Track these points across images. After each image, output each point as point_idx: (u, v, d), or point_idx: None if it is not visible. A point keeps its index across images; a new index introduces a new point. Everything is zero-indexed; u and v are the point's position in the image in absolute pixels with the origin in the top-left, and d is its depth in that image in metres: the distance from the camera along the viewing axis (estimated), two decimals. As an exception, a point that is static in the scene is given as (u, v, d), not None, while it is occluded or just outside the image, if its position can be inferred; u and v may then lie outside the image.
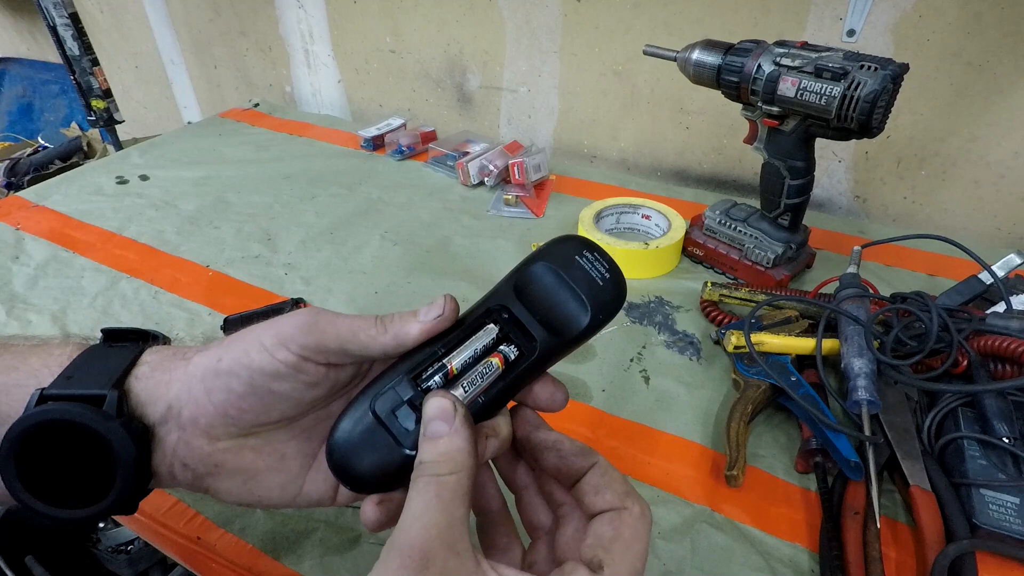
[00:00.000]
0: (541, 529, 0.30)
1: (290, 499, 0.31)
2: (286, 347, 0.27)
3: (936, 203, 0.82)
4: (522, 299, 0.29)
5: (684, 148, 0.95)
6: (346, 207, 0.84)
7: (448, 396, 0.26)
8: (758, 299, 0.60)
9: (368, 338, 0.28)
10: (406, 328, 0.28)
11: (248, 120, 1.13)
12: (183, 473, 0.29)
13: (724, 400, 0.54)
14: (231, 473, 0.29)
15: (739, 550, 0.42)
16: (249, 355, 0.28)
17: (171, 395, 0.28)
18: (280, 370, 0.27)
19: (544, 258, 0.29)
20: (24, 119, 1.81)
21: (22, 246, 0.75)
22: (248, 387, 0.28)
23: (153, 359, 0.30)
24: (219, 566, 0.42)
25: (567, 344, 0.29)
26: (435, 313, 0.28)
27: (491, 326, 0.29)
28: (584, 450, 0.28)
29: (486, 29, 1.00)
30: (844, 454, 0.44)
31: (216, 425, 0.28)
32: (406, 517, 0.23)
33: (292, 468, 0.31)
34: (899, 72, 0.52)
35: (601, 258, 0.29)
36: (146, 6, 1.36)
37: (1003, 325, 0.50)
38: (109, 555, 0.76)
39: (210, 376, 0.28)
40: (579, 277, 0.29)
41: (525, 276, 0.29)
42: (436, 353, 0.28)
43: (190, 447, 0.29)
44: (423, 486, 0.24)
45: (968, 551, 0.39)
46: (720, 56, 0.61)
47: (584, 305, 0.28)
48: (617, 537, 0.25)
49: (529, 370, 0.29)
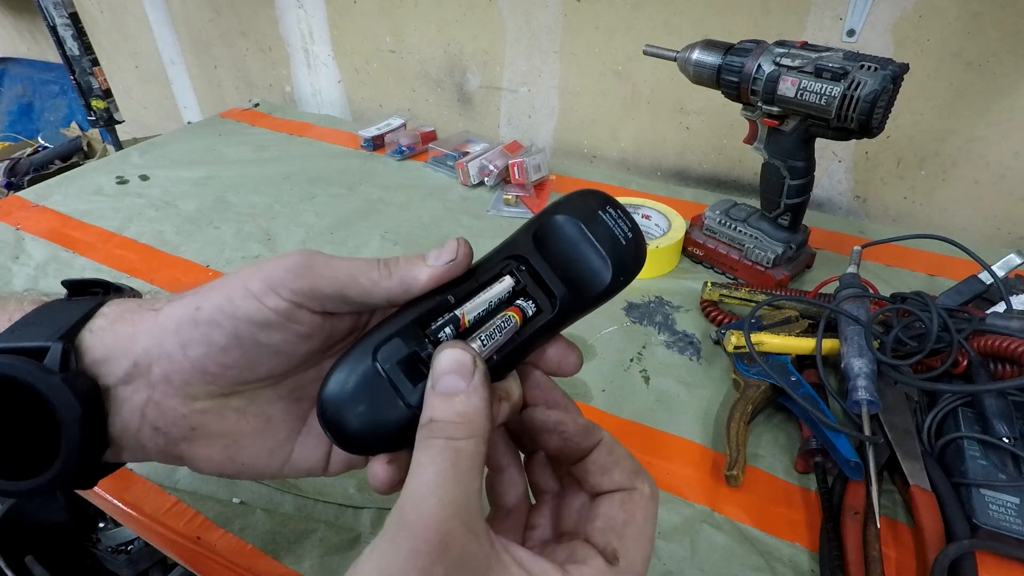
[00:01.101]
0: (547, 493, 0.28)
1: (277, 467, 0.28)
2: (276, 292, 0.24)
3: (936, 203, 0.82)
4: (542, 251, 0.26)
5: (684, 148, 0.95)
6: (346, 207, 0.84)
7: (467, 348, 0.23)
8: (758, 299, 0.60)
9: (370, 282, 0.25)
10: (414, 272, 0.25)
11: (248, 120, 1.13)
12: (153, 439, 0.26)
13: (724, 400, 0.54)
14: (210, 437, 0.26)
15: (739, 550, 0.42)
16: (233, 302, 0.24)
17: (137, 350, 0.25)
18: (269, 318, 0.24)
19: (566, 210, 0.27)
20: (24, 119, 1.81)
21: (22, 246, 0.75)
22: (232, 339, 0.24)
23: (112, 311, 0.26)
24: (219, 566, 0.42)
25: (587, 304, 0.27)
26: (447, 257, 0.25)
27: (507, 278, 0.26)
28: (588, 428, 0.26)
29: (486, 29, 1.00)
30: (844, 454, 0.44)
31: (193, 383, 0.25)
32: (418, 487, 0.20)
33: (280, 432, 0.28)
34: (899, 72, 0.52)
35: (624, 216, 0.27)
36: (146, 6, 1.36)
37: (1003, 325, 0.50)
38: (109, 555, 0.76)
39: (186, 327, 0.25)
40: (602, 233, 0.26)
41: (546, 227, 0.27)
42: (447, 302, 0.25)
43: (162, 408, 0.25)
44: (437, 452, 0.21)
45: (968, 551, 0.39)
46: (720, 56, 0.61)
47: (607, 263, 0.26)
48: (630, 521, 0.24)
49: (546, 328, 0.26)
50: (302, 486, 0.46)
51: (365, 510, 0.44)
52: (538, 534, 0.27)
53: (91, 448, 0.25)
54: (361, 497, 0.45)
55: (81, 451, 0.24)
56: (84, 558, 0.77)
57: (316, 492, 0.45)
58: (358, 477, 0.46)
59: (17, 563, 0.71)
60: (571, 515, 0.27)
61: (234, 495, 0.45)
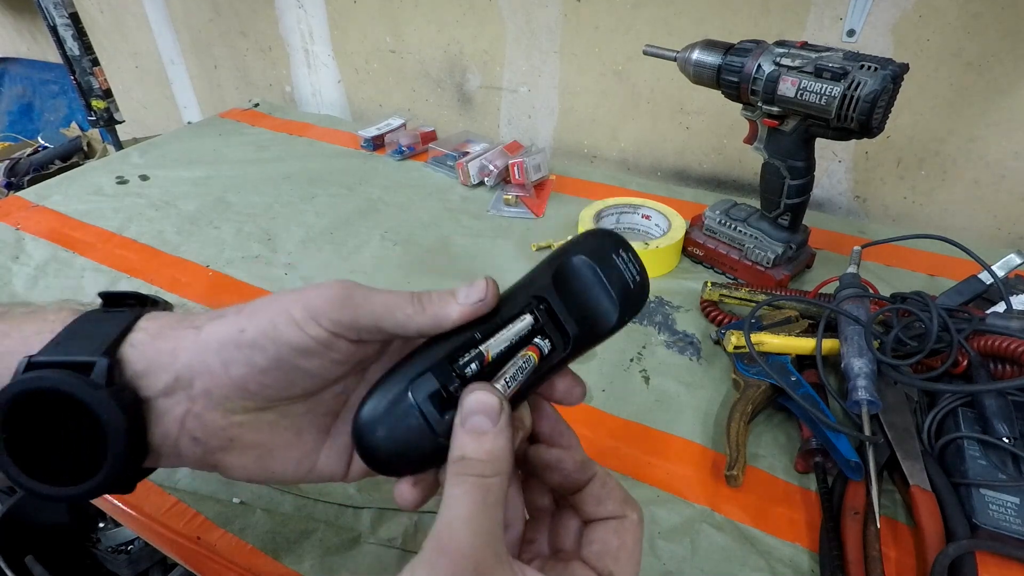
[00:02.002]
0: (543, 511, 0.30)
1: (303, 475, 0.30)
2: (317, 322, 0.26)
3: (936, 203, 0.82)
4: (559, 290, 0.28)
5: (684, 148, 0.95)
6: (346, 207, 0.84)
7: (494, 392, 0.25)
8: (758, 299, 0.60)
9: (405, 317, 0.26)
10: (446, 310, 0.26)
11: (248, 120, 1.13)
12: (192, 448, 0.27)
13: (724, 400, 0.54)
14: (245, 448, 0.28)
15: (739, 550, 0.42)
16: (277, 328, 0.26)
17: (178, 365, 0.26)
18: (310, 346, 0.26)
19: (583, 252, 0.29)
20: (24, 119, 1.81)
21: (22, 246, 0.75)
22: (273, 361, 0.26)
23: (151, 326, 0.28)
24: (219, 566, 0.42)
25: (594, 341, 0.29)
26: (476, 297, 0.27)
27: (528, 316, 0.28)
28: (584, 464, 0.28)
29: (486, 29, 1.00)
30: (844, 454, 0.44)
31: (233, 398, 0.27)
32: (453, 519, 0.22)
33: (308, 443, 0.30)
34: (899, 72, 0.52)
35: (634, 259, 0.29)
36: (146, 6, 1.36)
37: (1003, 325, 0.50)
38: (109, 555, 0.76)
39: (230, 347, 0.26)
40: (614, 276, 0.29)
41: (566, 268, 0.29)
42: (473, 339, 0.27)
43: (202, 420, 0.27)
44: (469, 487, 0.23)
45: (968, 551, 0.39)
46: (720, 56, 0.61)
47: (615, 305, 0.28)
48: (623, 546, 0.26)
49: (558, 365, 0.28)
50: (302, 486, 0.46)
51: (365, 510, 0.44)
52: (536, 548, 0.29)
53: (133, 456, 0.26)
54: (361, 497, 0.45)
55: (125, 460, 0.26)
56: (84, 558, 0.77)
57: (316, 492, 0.45)
58: (358, 477, 0.46)
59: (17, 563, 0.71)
60: (567, 535, 0.29)
61: (234, 495, 0.45)
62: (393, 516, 0.44)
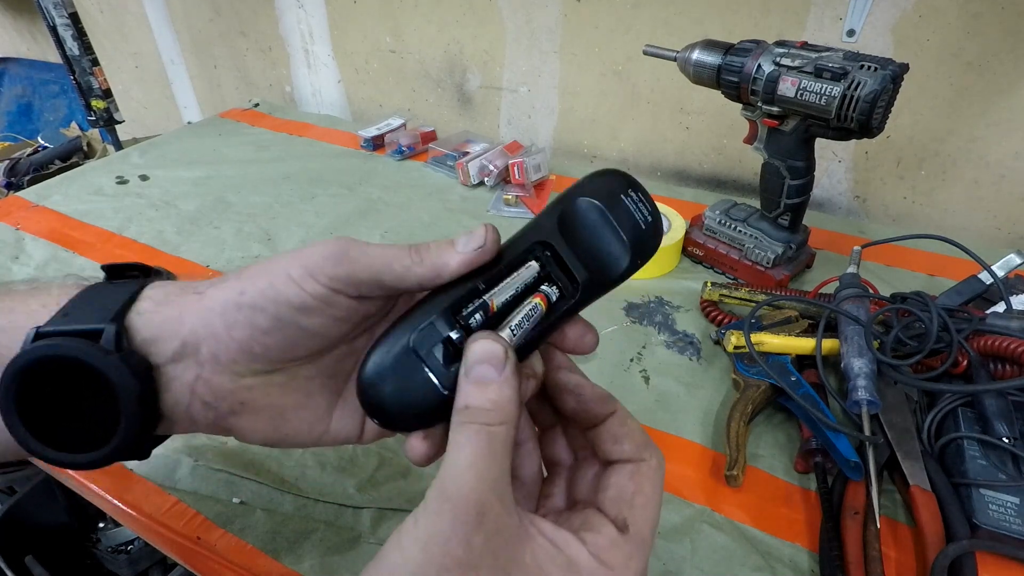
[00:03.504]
0: (561, 465, 0.30)
1: (317, 437, 0.30)
2: (315, 278, 0.26)
3: (936, 203, 0.82)
4: (565, 235, 0.27)
5: (684, 148, 0.95)
6: (346, 207, 0.84)
7: (499, 340, 0.25)
8: (758, 299, 0.60)
9: (403, 268, 0.26)
10: (444, 258, 0.26)
11: (248, 120, 1.13)
12: (204, 413, 0.28)
13: (724, 400, 0.54)
14: (257, 411, 0.28)
15: (739, 550, 0.42)
16: (275, 287, 0.26)
17: (184, 331, 0.27)
18: (309, 303, 0.26)
19: (589, 193, 0.28)
20: (24, 119, 1.81)
21: (22, 246, 0.75)
22: (274, 322, 0.26)
23: (156, 294, 0.28)
24: (219, 566, 0.42)
25: (606, 286, 0.28)
26: (475, 244, 0.26)
27: (533, 263, 0.27)
28: (604, 396, 0.28)
29: (486, 29, 1.00)
30: (844, 454, 0.44)
31: (240, 361, 0.27)
32: (456, 464, 0.22)
33: (320, 405, 0.30)
34: (899, 72, 0.52)
35: (645, 199, 0.28)
36: (146, 6, 1.36)
37: (1003, 325, 0.50)
38: (109, 555, 0.76)
39: (231, 310, 0.26)
40: (623, 218, 0.27)
41: (570, 212, 0.28)
42: (476, 288, 0.26)
43: (211, 384, 0.27)
44: (473, 434, 0.23)
45: (968, 551, 0.39)
46: (720, 56, 0.61)
47: (626, 247, 0.27)
48: (639, 492, 0.25)
49: (568, 312, 0.27)
50: (302, 486, 0.46)
51: (365, 510, 0.44)
52: (552, 503, 0.29)
53: (146, 421, 0.26)
54: (361, 497, 0.45)
55: (139, 424, 0.26)
56: (84, 558, 0.77)
57: (316, 492, 0.45)
58: (358, 477, 0.46)
59: (17, 563, 0.71)
60: (584, 485, 0.28)
61: (234, 495, 0.45)
62: (393, 516, 0.44)
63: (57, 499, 0.76)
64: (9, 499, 0.73)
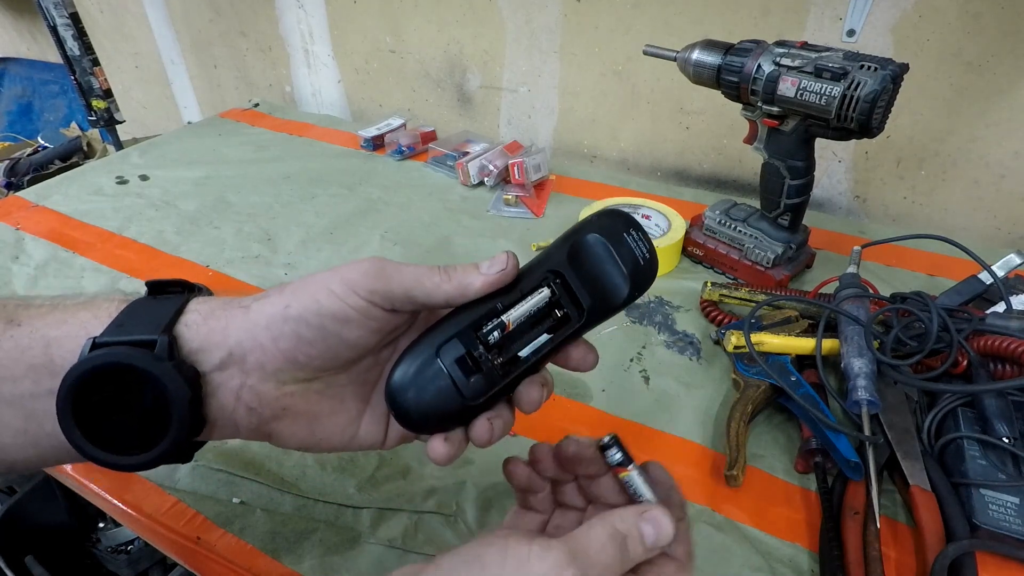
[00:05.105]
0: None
1: (347, 441, 0.32)
2: (356, 292, 0.28)
3: (936, 203, 0.82)
4: (574, 266, 0.31)
5: (684, 148, 0.95)
6: (346, 207, 0.84)
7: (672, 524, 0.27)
8: (758, 299, 0.60)
9: (433, 285, 0.29)
10: (469, 279, 0.29)
11: (248, 120, 1.13)
12: (248, 418, 0.30)
13: (724, 400, 0.54)
14: (296, 416, 0.31)
15: (739, 550, 0.42)
16: (319, 302, 0.28)
17: (231, 342, 0.29)
18: (350, 315, 0.28)
19: (597, 230, 0.31)
20: (24, 119, 1.81)
21: (22, 246, 0.75)
22: (318, 333, 0.28)
23: (202, 308, 0.30)
24: (219, 566, 0.42)
25: (607, 313, 0.31)
26: (498, 267, 0.29)
27: (545, 289, 0.30)
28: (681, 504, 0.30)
29: (486, 29, 1.00)
30: (844, 454, 0.44)
31: (284, 370, 0.29)
32: (592, 544, 0.25)
33: (351, 411, 0.32)
34: (899, 72, 0.52)
35: (644, 238, 0.32)
36: (146, 6, 1.36)
37: (1003, 325, 0.50)
38: (109, 555, 0.76)
39: (277, 323, 0.29)
40: (625, 253, 0.31)
41: (580, 245, 0.31)
42: (495, 308, 0.30)
43: (256, 391, 0.29)
44: (618, 539, 0.25)
45: (968, 551, 0.39)
46: (720, 56, 0.61)
47: (626, 280, 0.31)
48: None
49: (574, 334, 0.31)
50: (302, 486, 0.46)
51: (365, 510, 0.44)
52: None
53: (194, 426, 0.28)
54: (361, 497, 0.45)
55: (188, 429, 0.28)
56: (84, 558, 0.77)
57: (316, 492, 0.45)
58: (358, 477, 0.46)
59: (17, 563, 0.71)
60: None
61: (234, 495, 0.45)
62: (393, 516, 0.44)
63: (57, 499, 0.76)
64: (9, 499, 0.73)
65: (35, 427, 0.28)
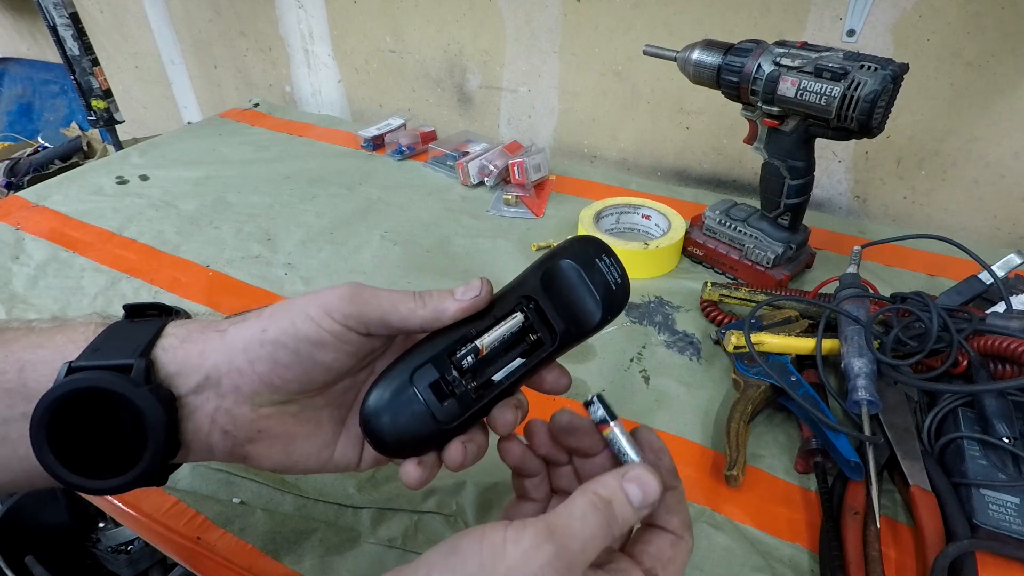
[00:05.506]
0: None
1: (323, 463, 0.32)
2: (331, 317, 0.28)
3: (936, 203, 0.82)
4: (548, 292, 0.31)
5: (684, 148, 0.95)
6: (346, 207, 0.84)
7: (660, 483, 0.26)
8: (758, 299, 0.60)
9: (408, 311, 0.29)
10: (444, 304, 0.29)
11: (248, 120, 1.13)
12: (223, 441, 0.30)
13: (724, 400, 0.54)
14: (272, 438, 0.31)
15: (739, 550, 0.42)
16: (295, 325, 0.29)
17: (207, 365, 0.29)
18: (325, 339, 0.29)
19: (569, 256, 0.32)
20: (24, 119, 1.81)
21: (22, 246, 0.75)
22: (294, 356, 0.29)
23: (179, 332, 0.30)
24: (219, 566, 0.42)
25: (580, 337, 0.32)
26: (472, 294, 0.30)
27: (519, 314, 0.31)
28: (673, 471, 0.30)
29: (486, 29, 1.00)
30: (844, 454, 0.44)
31: (260, 393, 0.29)
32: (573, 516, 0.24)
33: (327, 433, 0.32)
34: (899, 72, 0.52)
35: (616, 264, 0.32)
36: (146, 6, 1.36)
37: (1003, 325, 0.50)
38: (109, 555, 0.76)
39: (254, 346, 0.29)
40: (597, 279, 0.31)
41: (553, 271, 0.32)
42: (469, 333, 0.30)
43: (232, 414, 0.29)
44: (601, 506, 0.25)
45: (968, 551, 0.39)
46: (720, 56, 0.61)
47: (598, 304, 0.31)
48: (672, 560, 0.28)
49: (547, 358, 0.31)
50: (302, 486, 0.46)
51: (365, 510, 0.44)
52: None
53: (169, 449, 0.29)
54: (361, 497, 0.45)
55: (163, 452, 0.28)
56: (84, 558, 0.77)
57: (316, 492, 0.45)
58: (358, 477, 0.46)
59: (17, 563, 0.71)
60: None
61: (234, 495, 0.45)
62: (393, 516, 0.44)
63: (57, 499, 0.76)
64: (9, 499, 0.73)
65: (7, 451, 0.28)
